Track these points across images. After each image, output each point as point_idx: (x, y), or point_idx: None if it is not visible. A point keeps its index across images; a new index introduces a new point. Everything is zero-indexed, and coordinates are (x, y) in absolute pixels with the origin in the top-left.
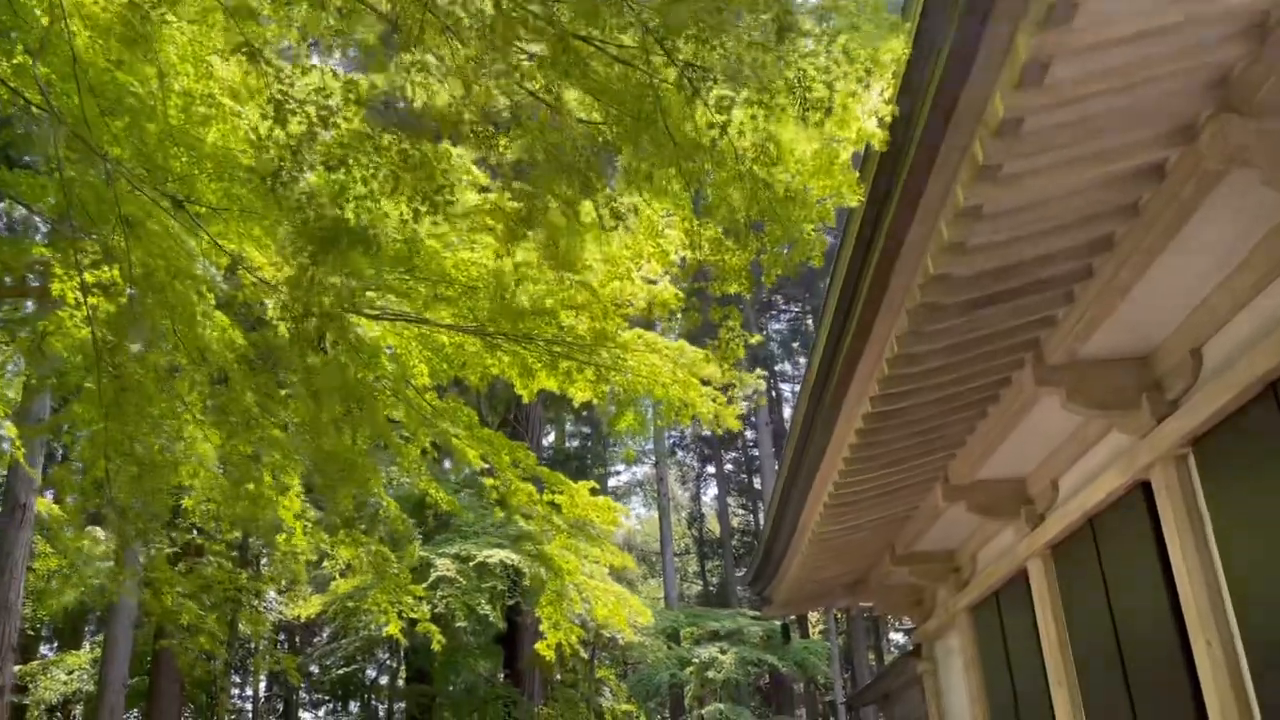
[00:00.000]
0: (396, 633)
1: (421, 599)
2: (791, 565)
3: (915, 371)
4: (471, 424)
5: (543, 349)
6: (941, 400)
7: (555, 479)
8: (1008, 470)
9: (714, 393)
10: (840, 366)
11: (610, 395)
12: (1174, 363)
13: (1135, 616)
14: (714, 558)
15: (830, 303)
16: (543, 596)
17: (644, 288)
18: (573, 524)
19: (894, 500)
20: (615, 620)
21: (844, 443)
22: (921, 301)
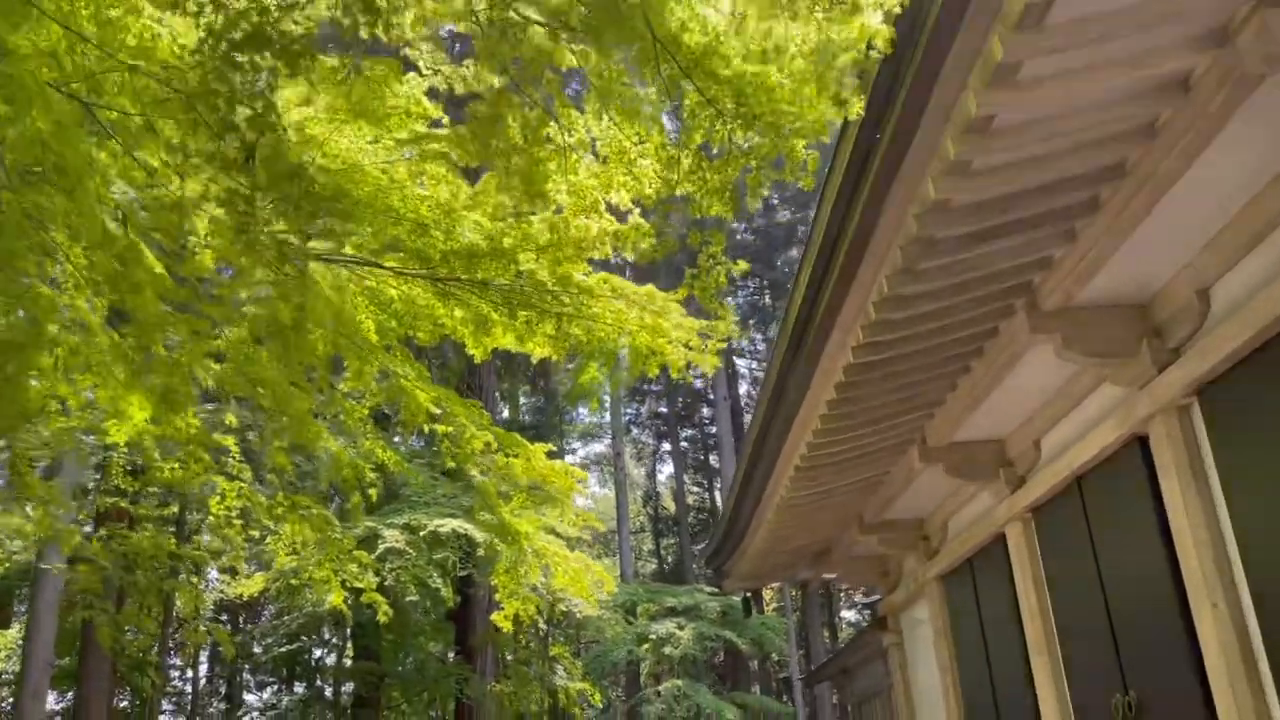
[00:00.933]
0: (340, 604)
1: (366, 567)
2: (756, 536)
3: (901, 318)
4: (422, 376)
5: (500, 297)
6: (926, 352)
7: (511, 440)
8: (987, 431)
9: (686, 335)
10: (822, 313)
11: (572, 349)
12: (1178, 306)
13: (1126, 578)
14: (669, 536)
15: (814, 239)
16: (499, 564)
17: (612, 225)
18: (530, 486)
19: (868, 464)
20: (576, 588)
21: (821, 399)
22: (918, 234)
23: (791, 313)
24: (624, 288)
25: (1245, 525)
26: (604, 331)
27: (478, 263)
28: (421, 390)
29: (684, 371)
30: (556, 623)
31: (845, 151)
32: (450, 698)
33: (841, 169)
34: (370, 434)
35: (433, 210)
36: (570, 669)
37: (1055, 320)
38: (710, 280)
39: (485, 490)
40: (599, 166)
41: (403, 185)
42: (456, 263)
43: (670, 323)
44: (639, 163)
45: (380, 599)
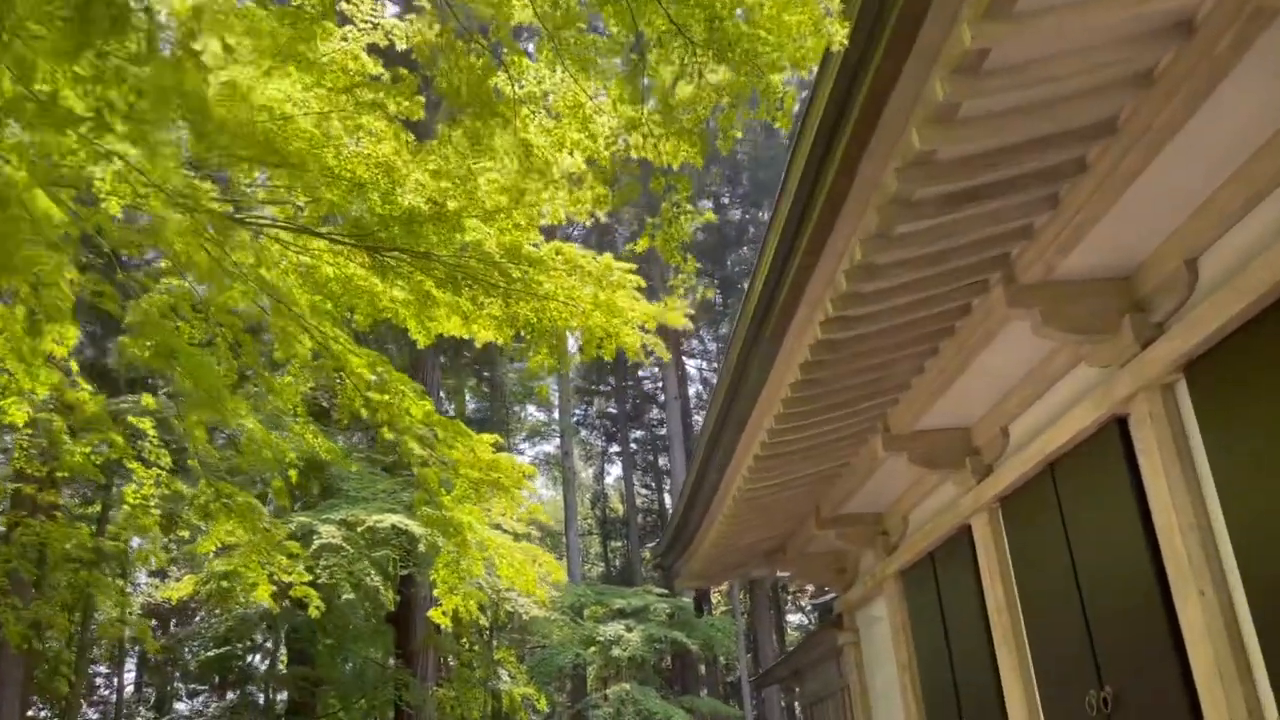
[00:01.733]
0: (267, 599)
1: (297, 558)
2: (710, 531)
3: (872, 290)
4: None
5: (443, 272)
6: (895, 331)
7: (455, 429)
8: (952, 419)
9: (642, 316)
10: (790, 283)
11: (521, 333)
12: (1163, 278)
13: (1102, 567)
14: (617, 538)
15: (784, 201)
16: (439, 557)
17: (565, 189)
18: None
19: (829, 453)
20: (522, 580)
21: (784, 381)
22: (897, 193)
23: (756, 285)
24: (578, 259)
25: (1236, 506)
26: (555, 310)
27: (419, 230)
28: (355, 355)
29: (639, 354)
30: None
31: (822, 96)
32: (389, 704)
33: (818, 116)
34: (301, 415)
35: (371, 169)
36: (515, 673)
37: (1034, 294)
38: (674, 231)
39: (426, 479)
40: (551, 123)
41: (338, 141)
42: (396, 229)
43: (626, 302)
44: (595, 119)
45: (311, 592)
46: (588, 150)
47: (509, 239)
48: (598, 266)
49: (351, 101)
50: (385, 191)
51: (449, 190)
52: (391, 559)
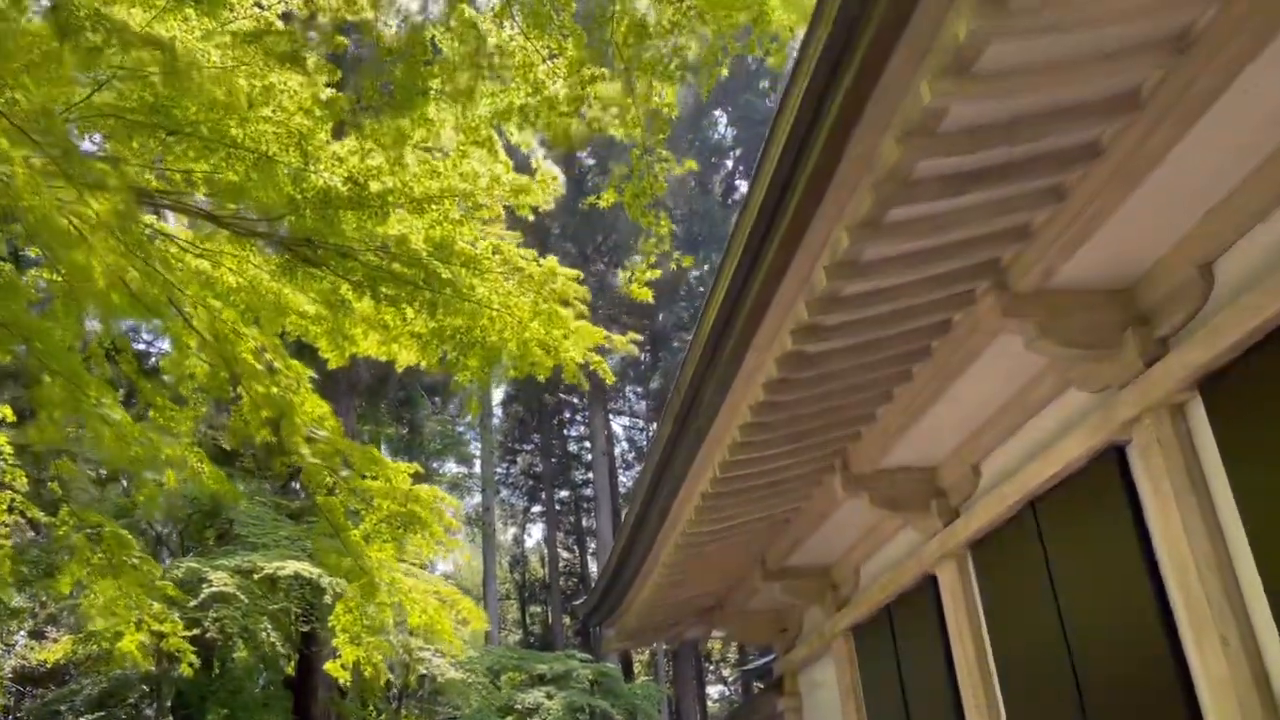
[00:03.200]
0: (133, 650)
1: (175, 602)
2: (646, 584)
3: (853, 294)
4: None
5: (362, 274)
6: (869, 348)
7: (369, 455)
8: (917, 456)
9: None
10: (760, 284)
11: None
12: (1172, 286)
13: (1095, 617)
14: (536, 604)
15: (756, 190)
16: (340, 601)
17: (509, 172)
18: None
19: (783, 493)
20: (439, 628)
21: (742, 405)
22: (898, 164)
23: (718, 292)
24: (518, 260)
25: (1266, 539)
26: (490, 320)
27: (336, 218)
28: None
29: (577, 375)
30: (411, 691)
31: (817, 42)
32: None
33: (809, 68)
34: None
35: (281, 140)
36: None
37: (1030, 304)
38: (645, 185)
39: (330, 509)
40: (496, 87)
41: (243, 104)
42: (309, 214)
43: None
44: (548, 85)
45: (185, 645)
46: (543, 121)
47: (440, 233)
48: (540, 271)
49: (260, 53)
50: (298, 169)
51: (371, 170)
52: (292, 613)
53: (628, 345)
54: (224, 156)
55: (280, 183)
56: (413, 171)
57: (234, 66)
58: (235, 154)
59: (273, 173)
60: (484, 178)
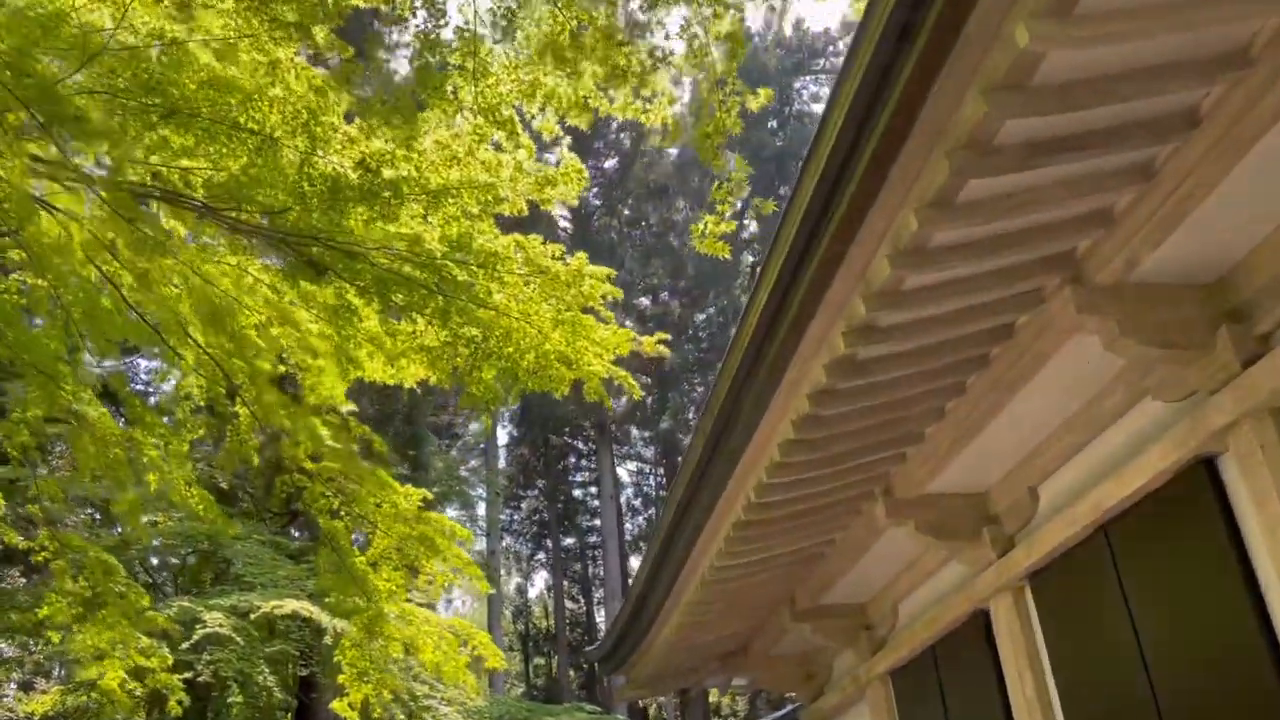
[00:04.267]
0: (114, 688)
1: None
2: (666, 625)
3: (913, 289)
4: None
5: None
6: (925, 355)
7: (376, 479)
8: (966, 480)
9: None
10: (810, 279)
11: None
12: (1274, 275)
13: (1186, 648)
14: (540, 655)
15: (811, 169)
16: (346, 636)
17: (531, 157)
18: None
19: (819, 523)
20: (451, 667)
21: (783, 422)
22: (981, 124)
23: (761, 293)
24: (542, 259)
25: None
26: (506, 329)
27: (344, 211)
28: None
29: (599, 391)
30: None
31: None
32: None
33: (881, 17)
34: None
35: (287, 120)
36: None
37: (1110, 298)
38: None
39: (334, 534)
40: (520, 61)
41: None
42: (317, 206)
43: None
44: (579, 63)
45: (173, 680)
46: (566, 103)
47: (457, 229)
48: (567, 271)
49: (265, 21)
50: (304, 152)
51: (384, 155)
52: (290, 656)
53: (656, 347)
54: (225, 140)
55: (286, 170)
56: (429, 159)
57: (236, 39)
58: (237, 137)
59: (278, 158)
60: (506, 167)
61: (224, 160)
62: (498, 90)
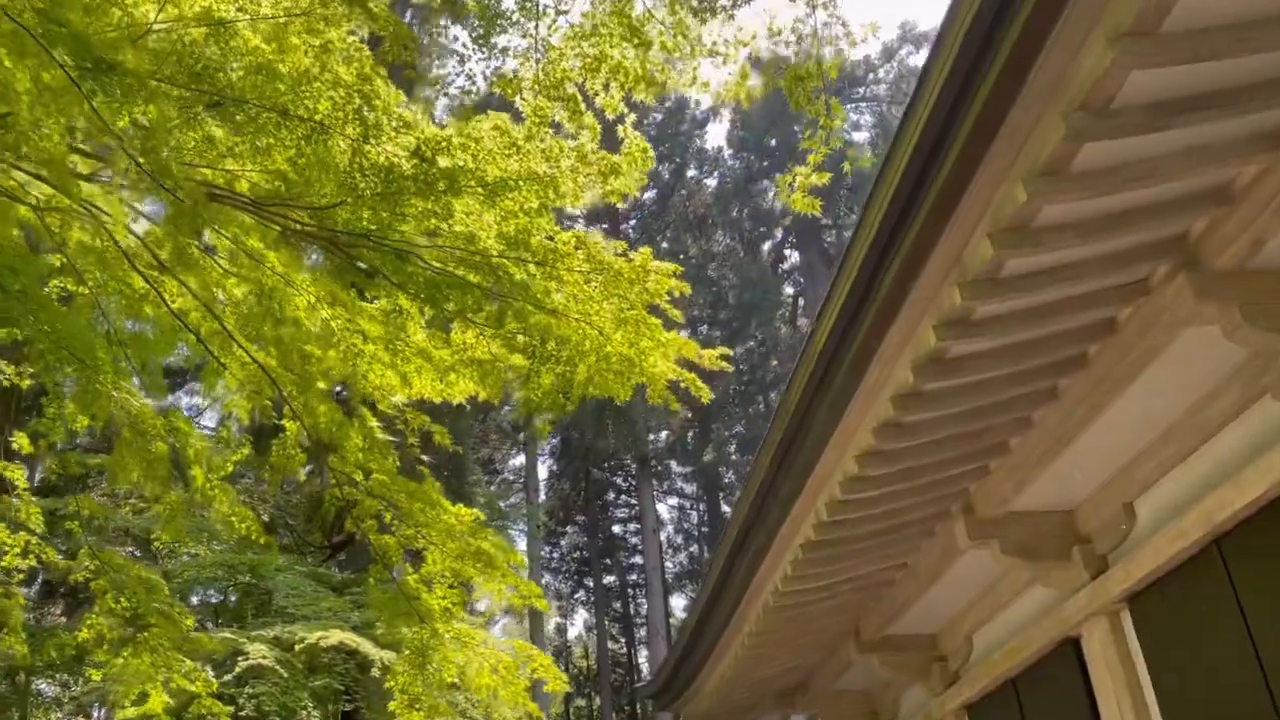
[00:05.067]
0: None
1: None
2: (725, 657)
3: (1013, 277)
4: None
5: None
6: (1018, 352)
7: (425, 496)
8: (1055, 497)
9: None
10: (900, 264)
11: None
12: None
13: None
14: (580, 697)
15: (905, 140)
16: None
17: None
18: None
19: (892, 544)
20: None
21: (861, 429)
22: (1102, 80)
23: (840, 286)
24: (603, 255)
25: None
26: (566, 330)
27: (397, 204)
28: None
29: (662, 394)
30: None
31: None
32: None
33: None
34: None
35: (339, 104)
36: None
37: (1231, 283)
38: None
39: (384, 550)
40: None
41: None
42: (369, 199)
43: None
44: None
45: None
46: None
47: (515, 226)
48: (631, 268)
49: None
50: (356, 140)
51: (440, 142)
52: (334, 691)
53: (718, 362)
54: (272, 130)
55: (336, 161)
56: (486, 148)
57: (286, 19)
58: (286, 126)
59: (328, 148)
60: (567, 156)
61: (271, 153)
62: (560, 66)
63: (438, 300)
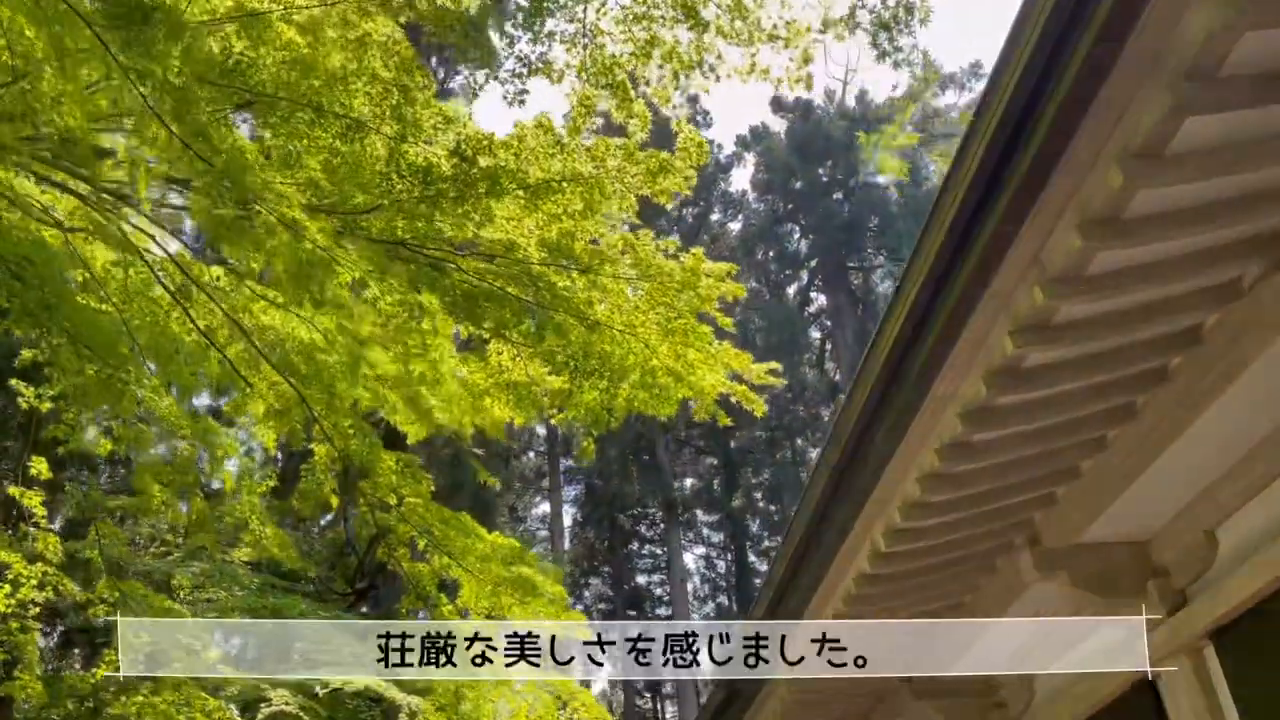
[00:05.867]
0: None
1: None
2: (769, 703)
3: (1101, 274)
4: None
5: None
6: (1101, 362)
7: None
8: (1128, 525)
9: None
10: (976, 259)
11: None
12: None
13: None
14: None
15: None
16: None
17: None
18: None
19: (948, 581)
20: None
21: (926, 446)
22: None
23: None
24: (653, 257)
25: None
26: (609, 342)
27: (436, 207)
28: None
29: (710, 408)
30: None
31: None
32: None
33: None
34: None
35: (375, 99)
36: None
37: None
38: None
39: (418, 578)
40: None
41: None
42: (405, 202)
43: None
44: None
45: None
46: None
47: (558, 230)
48: (682, 270)
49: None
50: (394, 138)
51: (480, 141)
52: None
53: (767, 377)
54: (306, 129)
55: (372, 162)
56: (529, 146)
57: (321, 11)
58: (320, 124)
59: (364, 148)
60: (614, 155)
61: (303, 160)
62: (609, 52)
63: (476, 315)
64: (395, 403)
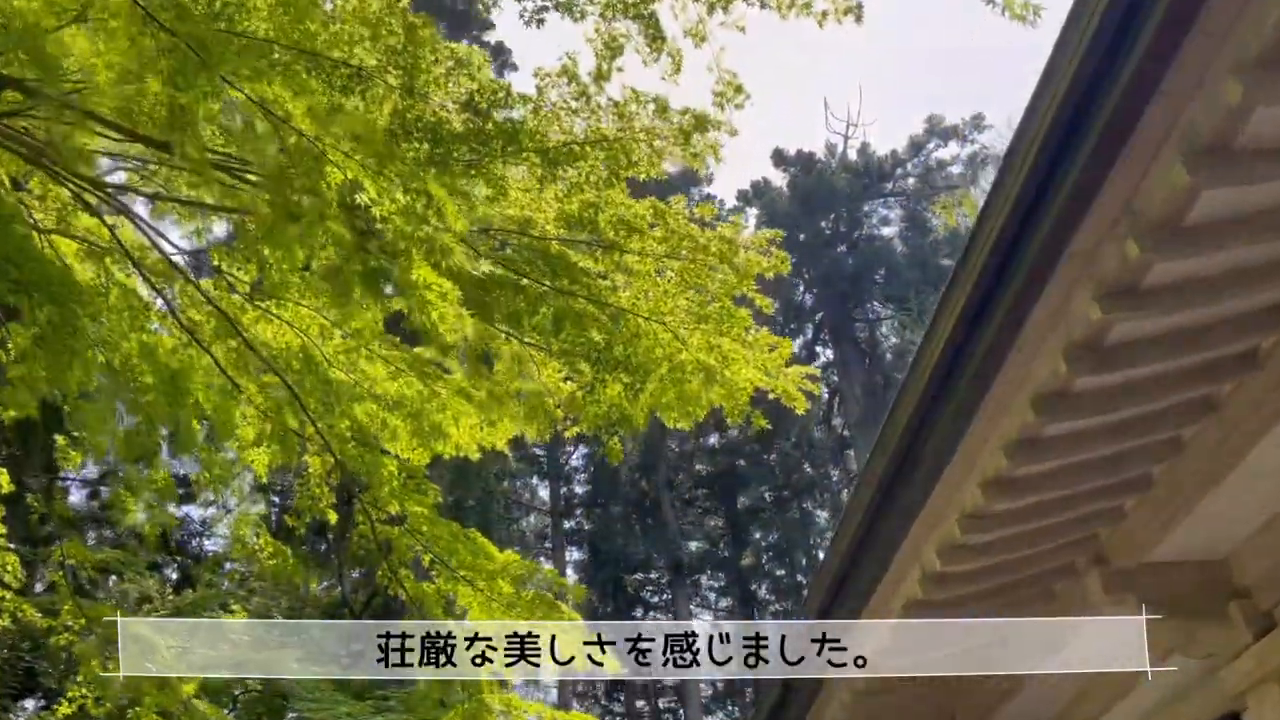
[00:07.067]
0: None
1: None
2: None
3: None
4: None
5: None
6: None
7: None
8: (1202, 543)
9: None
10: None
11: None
12: None
13: None
14: None
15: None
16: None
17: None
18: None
19: (1005, 610)
20: None
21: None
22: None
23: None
24: (687, 227)
25: None
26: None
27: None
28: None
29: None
30: None
31: None
32: None
33: None
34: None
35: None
36: None
37: None
38: None
39: (422, 599)
40: None
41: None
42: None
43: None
44: None
45: None
46: None
47: (578, 202)
48: (719, 239)
49: None
50: (400, 89)
51: (496, 91)
52: None
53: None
54: (302, 80)
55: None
56: (549, 99)
57: None
58: (317, 71)
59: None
60: (641, 114)
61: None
62: None
63: (486, 306)
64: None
